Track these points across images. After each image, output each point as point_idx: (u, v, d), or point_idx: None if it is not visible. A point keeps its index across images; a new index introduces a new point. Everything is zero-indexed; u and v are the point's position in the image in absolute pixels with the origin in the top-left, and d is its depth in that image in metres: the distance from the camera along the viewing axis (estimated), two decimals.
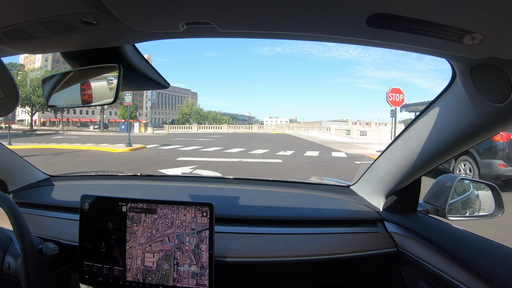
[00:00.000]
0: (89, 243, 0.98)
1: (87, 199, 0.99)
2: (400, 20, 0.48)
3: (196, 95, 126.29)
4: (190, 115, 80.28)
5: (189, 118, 79.24)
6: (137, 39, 0.71)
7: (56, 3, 0.54)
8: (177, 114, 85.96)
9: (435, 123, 0.89)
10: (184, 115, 79.07)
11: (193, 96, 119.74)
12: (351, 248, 1.07)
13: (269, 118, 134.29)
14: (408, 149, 1.00)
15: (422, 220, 1.12)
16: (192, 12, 0.52)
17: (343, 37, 0.59)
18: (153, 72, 0.85)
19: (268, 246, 1.05)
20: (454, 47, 0.56)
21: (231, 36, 0.66)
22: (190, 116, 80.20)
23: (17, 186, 1.41)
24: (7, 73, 0.73)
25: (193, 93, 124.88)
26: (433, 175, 1.25)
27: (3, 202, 0.89)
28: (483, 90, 0.68)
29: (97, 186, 1.54)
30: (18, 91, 0.77)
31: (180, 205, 0.94)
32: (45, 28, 0.61)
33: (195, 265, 0.92)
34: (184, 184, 1.52)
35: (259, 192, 1.40)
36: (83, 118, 67.76)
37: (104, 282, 0.97)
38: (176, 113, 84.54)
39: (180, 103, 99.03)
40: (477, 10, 0.44)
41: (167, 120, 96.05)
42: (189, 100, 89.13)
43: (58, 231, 1.10)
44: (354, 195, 1.36)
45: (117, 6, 0.51)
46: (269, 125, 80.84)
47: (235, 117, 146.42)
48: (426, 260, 0.96)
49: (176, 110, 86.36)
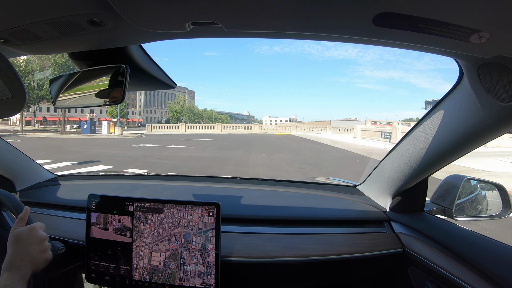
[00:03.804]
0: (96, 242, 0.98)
1: (94, 199, 0.99)
2: (407, 19, 0.48)
3: (194, 94, 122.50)
4: (181, 113, 72.80)
5: (180, 116, 71.71)
6: (144, 40, 0.71)
7: (63, 4, 0.54)
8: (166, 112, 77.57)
9: (442, 122, 0.88)
10: (175, 113, 71.41)
11: (190, 94, 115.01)
12: (358, 248, 1.07)
13: (269, 117, 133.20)
14: (415, 149, 1.00)
15: (429, 221, 1.11)
16: (199, 12, 0.53)
17: (350, 36, 0.59)
18: (160, 72, 0.86)
19: (274, 246, 1.05)
20: (461, 46, 0.56)
21: (237, 36, 0.66)
22: (182, 115, 72.93)
23: (24, 186, 1.42)
24: (15, 73, 0.74)
25: (190, 91, 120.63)
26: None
27: (9, 201, 0.90)
28: (490, 89, 0.67)
29: (104, 185, 1.55)
30: (26, 91, 0.78)
31: (187, 204, 0.95)
32: (52, 29, 0.61)
33: (201, 265, 0.92)
34: (191, 184, 1.52)
35: (265, 192, 1.40)
36: (71, 117, 61.60)
37: (110, 281, 0.97)
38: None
39: (171, 100, 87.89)
40: (484, 9, 0.44)
41: (162, 119, 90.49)
42: (180, 97, 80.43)
43: (65, 230, 1.11)
44: (361, 195, 1.35)
45: (124, 7, 0.51)
46: (269, 124, 73.61)
47: (234, 116, 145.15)
48: (432, 260, 0.96)
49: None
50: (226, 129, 47.39)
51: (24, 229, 0.81)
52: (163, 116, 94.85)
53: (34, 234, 0.81)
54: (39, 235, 0.82)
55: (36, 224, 0.84)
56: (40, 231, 0.83)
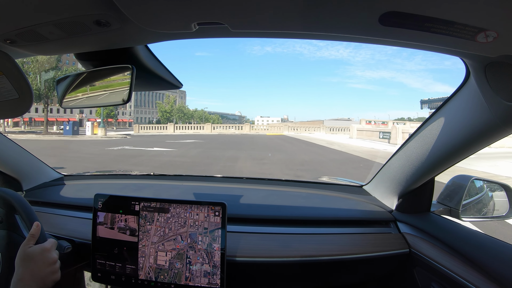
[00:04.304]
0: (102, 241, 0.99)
1: (100, 198, 1.00)
2: (413, 18, 0.48)
3: (185, 94, 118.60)
4: (171, 113, 69.77)
5: (170, 116, 68.59)
6: (150, 40, 0.71)
7: (69, 5, 0.54)
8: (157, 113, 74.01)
9: (448, 122, 0.88)
10: (164, 113, 68.43)
11: (181, 94, 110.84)
12: (363, 248, 1.06)
13: (260, 117, 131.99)
14: (421, 148, 0.99)
15: (435, 221, 1.10)
16: (205, 12, 0.52)
17: (356, 36, 0.59)
18: (166, 73, 0.86)
19: (279, 246, 1.05)
20: (468, 45, 0.55)
21: (243, 36, 0.65)
22: (172, 115, 69.72)
23: (31, 185, 1.43)
24: (21, 74, 0.75)
25: (182, 91, 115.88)
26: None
27: (15, 201, 0.90)
28: (497, 89, 0.67)
29: (110, 185, 1.56)
30: (32, 92, 0.78)
31: (193, 204, 0.95)
32: (58, 30, 0.61)
33: (207, 264, 0.93)
34: (196, 184, 1.53)
35: (271, 192, 1.40)
36: (60, 118, 58.06)
37: (116, 280, 0.98)
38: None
39: (160, 100, 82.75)
40: (490, 8, 0.44)
41: (153, 119, 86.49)
42: (170, 96, 76.63)
43: (72, 230, 1.12)
44: (367, 195, 1.35)
45: (130, 8, 0.51)
46: (260, 124, 69.58)
47: (225, 116, 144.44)
48: (439, 261, 0.95)
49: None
50: (217, 130, 44.26)
51: (37, 250, 0.81)
52: (154, 116, 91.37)
53: (47, 255, 0.81)
54: (51, 257, 0.82)
55: (48, 244, 0.84)
56: (52, 253, 0.84)
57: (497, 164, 9.58)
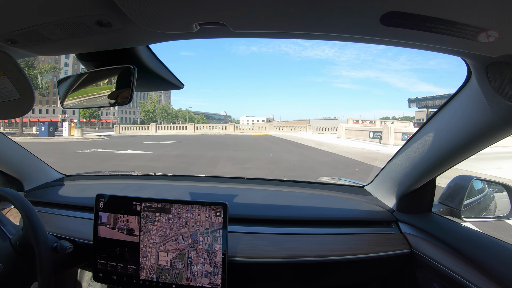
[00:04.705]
0: (104, 241, 0.99)
1: (102, 198, 1.00)
2: (414, 18, 0.48)
3: (170, 94, 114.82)
4: (154, 113, 69.31)
5: (153, 116, 68.22)
6: (151, 40, 0.71)
7: (70, 6, 0.54)
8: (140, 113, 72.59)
9: (449, 122, 0.87)
10: (147, 113, 67.93)
11: (166, 94, 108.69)
12: (365, 249, 1.06)
13: (246, 117, 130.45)
14: (423, 149, 0.99)
15: (436, 221, 1.10)
16: (206, 13, 0.52)
17: (357, 36, 0.59)
18: (167, 73, 0.86)
19: (280, 246, 1.04)
20: (469, 45, 0.55)
21: (244, 36, 0.65)
22: (155, 115, 69.44)
23: (32, 185, 1.44)
24: (23, 74, 0.75)
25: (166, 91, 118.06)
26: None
27: (16, 201, 0.91)
28: (498, 89, 0.66)
29: (111, 185, 1.56)
30: (34, 92, 0.78)
31: (195, 204, 0.95)
32: (60, 30, 0.61)
33: (208, 265, 0.93)
34: (197, 184, 1.53)
35: (272, 192, 1.40)
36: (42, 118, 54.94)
37: (117, 280, 0.98)
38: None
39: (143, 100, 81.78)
40: (492, 8, 0.44)
41: (137, 119, 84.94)
42: (153, 96, 76.31)
43: (73, 230, 1.12)
44: (368, 196, 1.34)
45: (131, 8, 0.51)
46: (246, 124, 65.80)
47: (211, 116, 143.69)
48: (440, 262, 0.95)
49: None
50: (200, 129, 41.80)
51: None
52: (138, 116, 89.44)
53: None
54: None
55: None
56: None
57: (503, 166, 9.14)
